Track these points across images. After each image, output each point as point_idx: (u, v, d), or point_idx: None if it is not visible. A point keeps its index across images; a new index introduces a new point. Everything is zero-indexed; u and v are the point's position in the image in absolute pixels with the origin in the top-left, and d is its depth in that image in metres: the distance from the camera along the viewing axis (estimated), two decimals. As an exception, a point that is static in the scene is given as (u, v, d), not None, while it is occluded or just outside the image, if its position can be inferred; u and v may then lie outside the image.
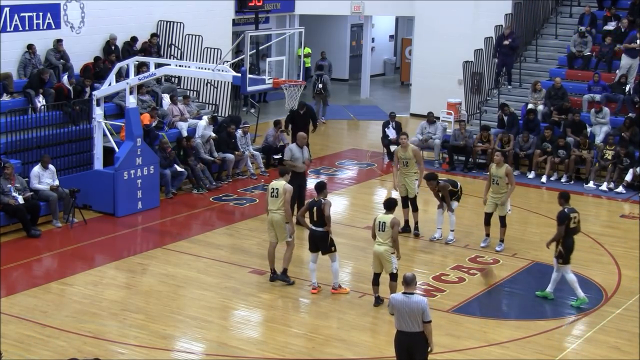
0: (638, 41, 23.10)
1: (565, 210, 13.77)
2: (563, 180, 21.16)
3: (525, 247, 16.48)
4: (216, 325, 12.96)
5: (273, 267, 14.54)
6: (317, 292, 14.05)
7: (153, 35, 22.57)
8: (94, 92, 18.32)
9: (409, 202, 16.90)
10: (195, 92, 23.56)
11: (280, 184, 14.29)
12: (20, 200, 16.44)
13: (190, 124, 21.02)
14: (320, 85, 27.89)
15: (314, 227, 13.88)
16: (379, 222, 13.32)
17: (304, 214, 14.14)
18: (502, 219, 16.13)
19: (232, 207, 18.91)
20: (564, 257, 13.80)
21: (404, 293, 10.10)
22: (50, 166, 17.35)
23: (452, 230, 16.64)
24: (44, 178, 17.15)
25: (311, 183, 17.29)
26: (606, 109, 22.07)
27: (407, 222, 17.03)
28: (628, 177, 20.54)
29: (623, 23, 24.02)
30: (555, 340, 12.80)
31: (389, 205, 13.50)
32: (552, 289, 14.09)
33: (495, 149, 20.96)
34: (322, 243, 13.86)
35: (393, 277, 13.37)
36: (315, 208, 13.78)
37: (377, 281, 13.52)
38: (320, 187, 13.99)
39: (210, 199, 19.32)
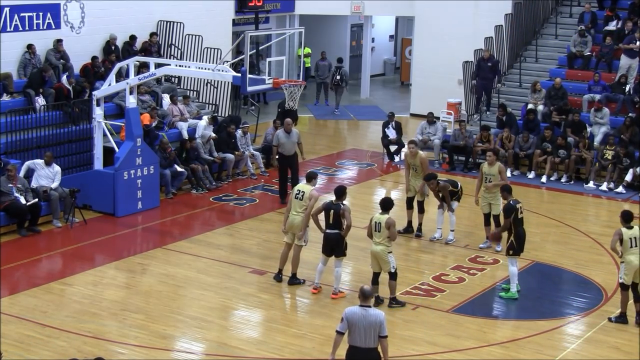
0: (638, 42, 23.10)
1: (511, 202, 14.11)
2: (563, 180, 21.16)
3: (525, 247, 16.38)
4: (216, 325, 12.96)
5: (282, 268, 14.51)
6: (317, 293, 14.04)
7: (152, 34, 22.56)
8: (94, 92, 18.33)
9: (417, 203, 16.90)
10: (195, 92, 23.56)
11: (307, 188, 14.20)
12: (22, 200, 16.42)
13: (190, 124, 21.02)
14: (339, 77, 28.82)
15: (328, 230, 13.82)
16: (375, 222, 13.34)
17: (319, 214, 14.08)
18: (497, 219, 16.13)
19: (232, 207, 18.91)
20: (515, 248, 14.03)
21: (361, 306, 9.70)
22: (56, 166, 17.31)
23: (452, 230, 16.65)
24: (43, 173, 17.08)
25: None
26: (606, 110, 22.07)
27: (410, 222, 17.03)
28: (628, 177, 20.54)
29: (628, 26, 23.93)
30: (555, 340, 12.80)
31: (385, 205, 13.49)
32: (514, 286, 14.15)
33: (493, 148, 20.98)
34: (337, 246, 13.79)
35: (392, 276, 13.40)
36: (332, 211, 13.69)
37: (377, 281, 13.52)
38: (341, 192, 13.86)
39: (210, 199, 19.32)
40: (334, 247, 13.83)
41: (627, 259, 12.96)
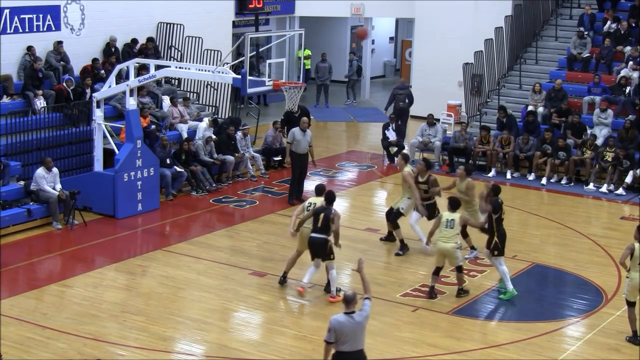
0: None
1: (499, 200, 14.09)
2: (563, 182, 21.16)
3: (525, 249, 16.48)
4: (216, 327, 12.96)
5: (287, 272, 14.42)
6: (302, 292, 13.95)
7: (149, 39, 22.51)
8: (94, 94, 18.34)
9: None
10: (195, 94, 23.57)
11: (319, 200, 14.08)
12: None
13: (190, 126, 21.02)
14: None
15: (314, 234, 13.72)
16: (447, 219, 13.77)
17: (307, 218, 13.93)
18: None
19: (232, 209, 18.91)
20: (499, 248, 14.01)
21: (345, 313, 9.67)
22: (54, 169, 17.31)
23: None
24: (49, 180, 17.09)
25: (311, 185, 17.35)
26: (610, 111, 22.07)
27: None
28: (628, 179, 20.54)
29: (622, 25, 24.02)
30: (555, 342, 12.80)
31: (455, 204, 13.92)
32: (510, 284, 14.13)
33: (464, 164, 20.78)
34: (320, 251, 13.74)
35: (460, 269, 13.96)
36: (322, 215, 13.60)
37: (438, 272, 13.96)
38: (332, 198, 13.80)
39: (210, 201, 19.32)
40: (318, 251, 13.75)
41: (631, 275, 12.52)
